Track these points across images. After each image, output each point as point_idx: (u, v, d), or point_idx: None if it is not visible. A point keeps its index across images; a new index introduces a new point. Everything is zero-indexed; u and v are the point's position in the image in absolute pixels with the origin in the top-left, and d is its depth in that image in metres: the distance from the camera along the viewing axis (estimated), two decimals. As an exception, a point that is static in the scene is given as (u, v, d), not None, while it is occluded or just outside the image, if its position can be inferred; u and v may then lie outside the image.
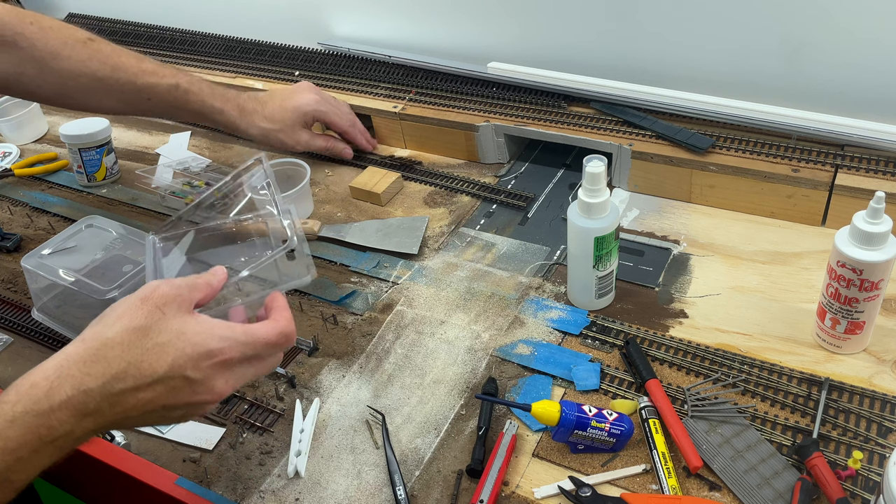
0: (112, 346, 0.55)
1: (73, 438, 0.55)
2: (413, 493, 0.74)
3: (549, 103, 1.16)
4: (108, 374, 0.55)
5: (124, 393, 0.55)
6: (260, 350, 0.61)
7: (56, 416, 0.54)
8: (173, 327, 0.57)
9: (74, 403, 0.54)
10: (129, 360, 0.55)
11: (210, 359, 0.57)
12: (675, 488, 0.70)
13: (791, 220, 0.99)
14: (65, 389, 0.54)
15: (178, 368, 0.56)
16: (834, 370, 0.80)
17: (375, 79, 1.31)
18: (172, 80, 1.05)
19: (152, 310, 0.57)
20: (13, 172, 1.29)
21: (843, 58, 1.01)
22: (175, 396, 0.57)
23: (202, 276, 0.63)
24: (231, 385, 0.60)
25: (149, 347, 0.56)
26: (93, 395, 0.54)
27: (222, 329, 0.59)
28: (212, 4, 1.54)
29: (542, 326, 0.89)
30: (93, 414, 0.55)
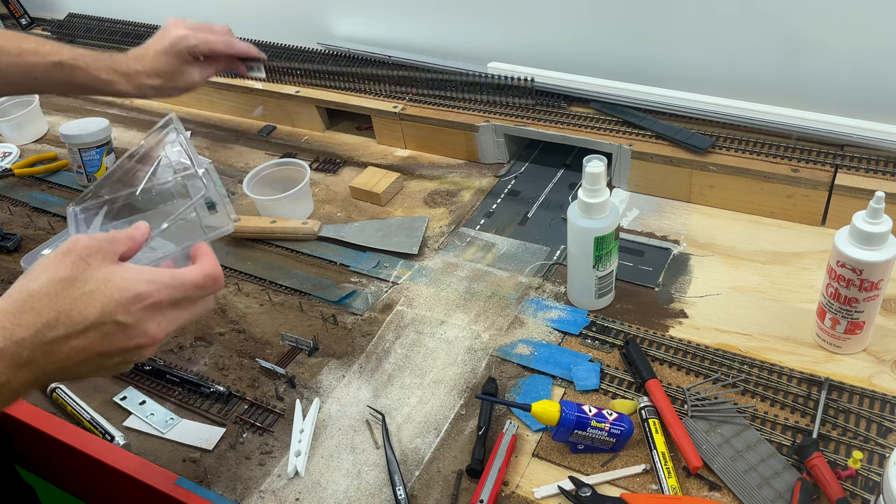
0: (39, 297, 0.56)
1: (9, 389, 0.55)
2: (413, 493, 0.74)
3: (549, 103, 1.16)
4: (39, 323, 0.55)
5: (56, 341, 0.56)
6: (189, 292, 0.61)
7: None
8: (99, 275, 0.57)
9: (8, 354, 0.54)
10: (59, 309, 0.56)
11: (139, 302, 0.58)
12: (675, 488, 0.70)
13: (791, 220, 0.99)
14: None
15: (108, 314, 0.57)
16: (834, 370, 0.80)
17: (375, 79, 1.30)
18: (55, 57, 1.01)
19: (76, 261, 0.57)
20: (13, 172, 1.29)
21: (843, 58, 1.01)
22: (109, 342, 0.57)
23: (124, 231, 0.64)
24: (164, 329, 0.60)
25: (76, 296, 0.56)
26: (25, 344, 0.55)
27: (149, 274, 0.59)
28: (212, 4, 1.54)
29: (542, 326, 0.89)
30: (27, 364, 0.55)
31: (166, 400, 0.87)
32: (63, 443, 0.79)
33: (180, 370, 0.89)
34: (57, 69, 1.02)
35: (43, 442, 0.81)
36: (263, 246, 1.09)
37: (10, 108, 1.42)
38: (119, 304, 0.57)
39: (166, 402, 0.87)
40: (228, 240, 1.10)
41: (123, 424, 0.84)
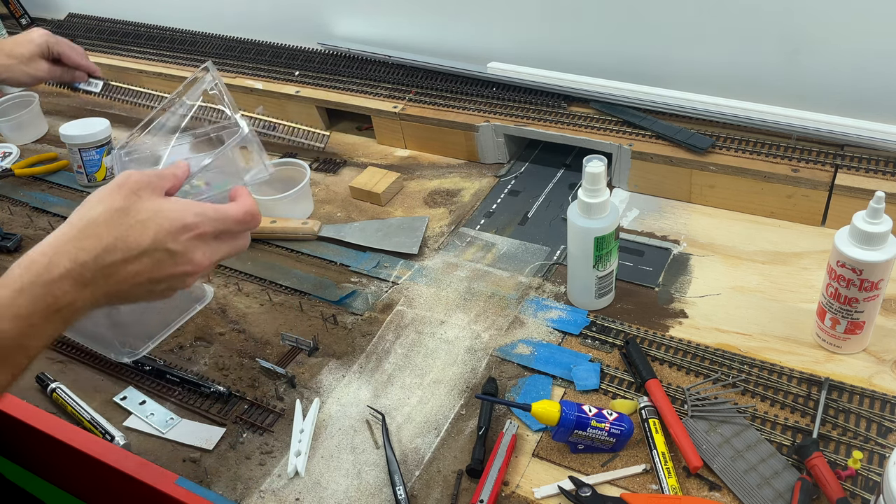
0: (98, 224, 0.60)
1: (74, 309, 0.60)
2: (413, 493, 0.74)
3: (549, 103, 1.16)
4: (99, 247, 0.60)
5: (115, 265, 0.60)
6: (230, 226, 0.66)
7: (58, 287, 0.58)
8: (151, 206, 0.62)
9: (73, 275, 0.59)
10: (116, 235, 0.60)
11: (187, 232, 0.63)
12: (675, 488, 0.70)
13: (791, 220, 0.99)
14: (62, 263, 0.59)
15: (160, 241, 0.61)
16: (834, 370, 0.80)
17: (375, 79, 1.31)
18: None
19: (128, 193, 0.62)
20: (13, 172, 1.29)
21: (843, 58, 1.01)
22: (160, 268, 0.62)
23: (168, 168, 0.69)
24: (207, 258, 0.65)
25: (131, 224, 0.61)
26: (88, 266, 0.59)
27: (196, 207, 0.64)
28: (212, 4, 1.54)
29: (542, 326, 0.89)
30: (90, 284, 0.60)
31: (166, 400, 0.87)
32: (63, 443, 0.79)
33: (180, 370, 0.89)
34: None
35: (43, 442, 0.81)
36: (263, 246, 1.09)
37: (10, 108, 1.42)
38: (169, 233, 0.62)
39: (166, 402, 0.87)
40: (228, 240, 1.10)
41: (123, 424, 0.84)
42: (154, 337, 0.94)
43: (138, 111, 1.46)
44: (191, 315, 0.97)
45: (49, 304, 0.58)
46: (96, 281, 0.60)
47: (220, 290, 1.01)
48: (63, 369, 0.93)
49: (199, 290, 0.99)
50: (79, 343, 0.95)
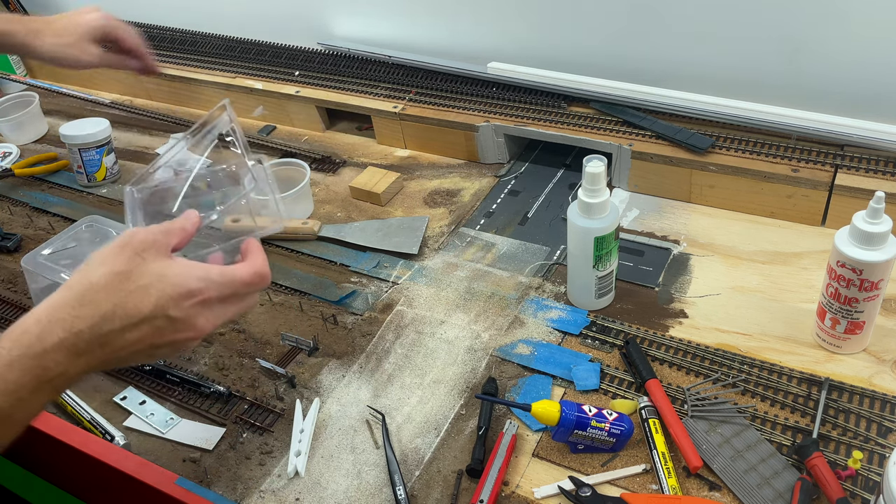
0: (97, 289, 0.58)
1: (67, 378, 0.57)
2: (413, 493, 0.74)
3: (549, 103, 1.16)
4: (97, 315, 0.57)
5: (112, 333, 0.57)
6: (237, 289, 0.63)
7: (50, 358, 0.56)
8: (154, 270, 0.59)
9: (67, 345, 0.56)
10: (115, 302, 0.57)
11: (190, 298, 0.60)
12: (675, 488, 0.70)
13: (791, 220, 0.99)
14: (56, 332, 0.56)
15: (161, 308, 0.58)
16: (834, 370, 0.80)
17: (375, 79, 1.31)
18: None
19: (132, 255, 0.59)
20: (13, 172, 1.29)
21: (843, 58, 1.01)
22: (160, 335, 0.59)
23: (176, 222, 0.65)
24: (212, 323, 0.62)
25: (132, 290, 0.58)
26: (83, 336, 0.57)
27: (200, 270, 0.61)
28: (212, 4, 1.54)
29: (542, 326, 0.89)
30: (84, 354, 0.57)
31: (166, 400, 0.87)
32: (63, 443, 0.79)
33: (180, 370, 0.89)
34: None
35: (43, 442, 0.81)
36: (263, 246, 1.08)
37: (10, 108, 1.42)
38: (171, 299, 0.59)
39: (166, 402, 0.87)
40: (228, 240, 1.10)
41: (123, 424, 0.84)
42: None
43: (138, 111, 1.46)
44: None
45: (38, 375, 0.56)
46: (92, 350, 0.57)
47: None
48: (63, 369, 0.93)
49: None
50: (79, 343, 0.95)
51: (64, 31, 1.07)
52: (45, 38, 1.06)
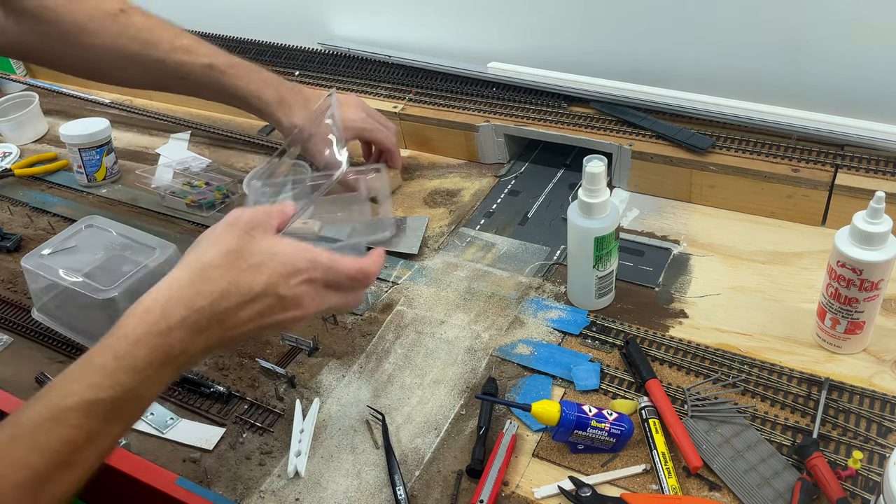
0: (213, 268, 0.60)
1: (188, 357, 0.59)
2: (413, 493, 0.74)
3: (549, 103, 1.16)
4: (216, 292, 0.59)
5: (229, 311, 0.60)
6: (341, 279, 0.65)
7: (175, 335, 0.58)
8: (264, 248, 0.62)
9: (189, 322, 0.58)
10: (230, 280, 0.60)
11: (298, 276, 0.62)
12: (675, 488, 0.70)
13: (791, 220, 0.99)
14: (178, 310, 0.58)
15: (272, 286, 0.61)
16: (834, 370, 0.80)
17: (375, 79, 1.31)
18: (207, 59, 0.97)
19: (242, 234, 0.62)
20: (13, 172, 1.29)
21: (843, 58, 1.01)
22: (270, 314, 0.62)
23: (276, 205, 0.67)
24: (316, 304, 0.64)
25: (245, 268, 0.61)
26: (204, 313, 0.59)
27: (309, 252, 0.63)
28: (212, 4, 1.54)
29: (542, 326, 0.89)
30: (205, 331, 0.59)
31: (166, 400, 0.87)
32: (63, 443, 0.79)
33: (180, 370, 0.89)
34: (206, 72, 0.98)
35: (43, 442, 0.81)
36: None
37: (10, 108, 1.42)
38: (282, 277, 0.61)
39: (166, 402, 0.87)
40: (228, 240, 1.10)
41: (123, 424, 0.84)
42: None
43: (138, 111, 1.46)
44: None
45: (165, 352, 0.58)
46: (211, 327, 0.59)
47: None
48: (63, 369, 0.93)
49: None
50: (79, 343, 0.95)
51: (314, 122, 0.98)
52: (293, 118, 1.01)
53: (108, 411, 0.55)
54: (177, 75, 0.98)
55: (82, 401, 0.54)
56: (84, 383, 0.55)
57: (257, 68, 1.02)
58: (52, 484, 0.53)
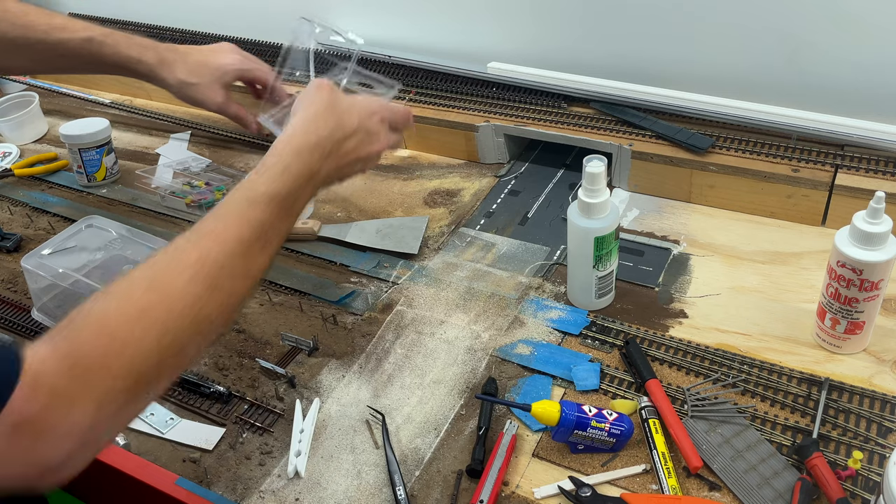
0: (321, 113, 0.75)
1: (320, 178, 0.73)
2: (413, 493, 0.74)
3: (549, 103, 1.16)
4: (330, 126, 0.74)
5: (340, 141, 0.75)
6: (398, 117, 0.83)
7: (314, 156, 0.72)
8: (348, 98, 0.79)
9: (320, 147, 0.73)
10: (335, 119, 0.75)
11: (376, 115, 0.80)
12: (675, 488, 0.70)
13: (791, 220, 0.99)
14: (310, 138, 0.73)
15: (363, 122, 0.78)
16: (834, 370, 0.80)
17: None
18: (85, 33, 1.00)
19: (329, 90, 0.77)
20: (13, 172, 1.29)
21: (843, 58, 1.01)
22: (363, 146, 0.78)
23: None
24: (387, 139, 0.82)
25: (341, 111, 0.76)
26: (327, 140, 0.74)
27: (375, 100, 0.82)
28: (212, 4, 1.54)
29: (542, 326, 0.89)
30: (328, 156, 0.74)
31: (166, 400, 0.87)
32: (63, 443, 0.78)
33: (180, 370, 0.89)
34: (86, 46, 1.01)
35: (43, 442, 0.81)
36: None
37: (10, 108, 1.42)
38: (367, 115, 0.79)
39: (166, 402, 0.87)
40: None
41: (123, 424, 0.84)
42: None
43: (138, 111, 1.46)
44: None
45: (310, 168, 0.71)
46: (331, 154, 0.74)
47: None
48: (63, 369, 0.93)
49: None
50: (79, 343, 0.95)
51: (197, 71, 1.06)
52: (176, 73, 1.05)
53: (283, 203, 0.68)
54: (57, 53, 1.01)
55: (267, 193, 0.67)
56: (265, 181, 0.68)
57: (133, 35, 1.05)
58: (254, 257, 0.64)
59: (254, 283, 0.65)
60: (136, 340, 0.55)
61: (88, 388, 0.52)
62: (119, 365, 0.53)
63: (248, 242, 0.64)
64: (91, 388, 0.52)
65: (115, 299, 0.57)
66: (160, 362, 0.56)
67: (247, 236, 0.64)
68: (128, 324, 0.55)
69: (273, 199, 0.67)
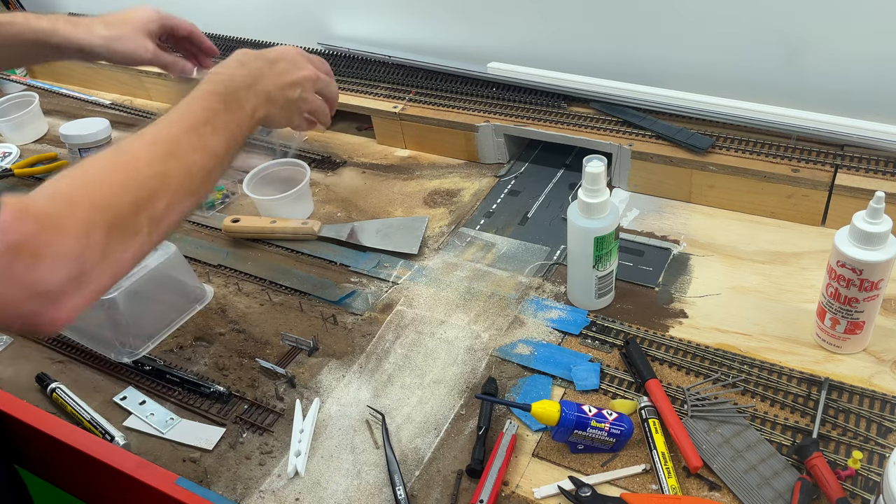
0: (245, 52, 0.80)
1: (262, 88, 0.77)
2: (413, 493, 0.74)
3: (549, 103, 1.16)
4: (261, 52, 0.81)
5: (271, 61, 0.80)
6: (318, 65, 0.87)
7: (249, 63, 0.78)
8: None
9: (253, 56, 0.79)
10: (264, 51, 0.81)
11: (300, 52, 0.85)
12: (675, 488, 0.70)
13: (791, 220, 0.99)
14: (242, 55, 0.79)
15: (286, 52, 0.83)
16: (834, 370, 0.80)
17: (375, 79, 1.31)
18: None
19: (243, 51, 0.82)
20: (13, 172, 1.29)
21: (843, 58, 1.01)
22: (293, 71, 0.81)
23: None
24: (315, 69, 0.85)
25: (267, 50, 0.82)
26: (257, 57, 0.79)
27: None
28: (212, 4, 1.54)
29: (542, 326, 0.89)
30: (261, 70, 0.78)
31: (166, 400, 0.87)
32: (63, 443, 0.79)
33: (180, 370, 0.89)
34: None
35: (43, 442, 0.81)
36: (263, 246, 1.09)
37: (10, 108, 1.42)
38: (290, 50, 0.84)
39: (166, 402, 0.87)
40: (228, 240, 1.10)
41: (123, 424, 0.84)
42: (154, 337, 0.95)
43: (138, 111, 1.46)
44: (190, 315, 0.97)
45: (248, 72, 0.76)
46: (264, 69, 0.78)
47: (219, 290, 1.01)
48: (63, 369, 0.93)
49: (199, 291, 0.99)
50: (79, 343, 0.95)
51: (118, 25, 1.02)
52: (97, 31, 1.01)
53: (224, 97, 0.72)
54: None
55: (202, 91, 0.72)
56: (199, 91, 0.72)
57: (42, 13, 1.01)
58: (206, 137, 0.68)
59: (213, 159, 0.69)
60: (108, 179, 0.61)
61: (72, 216, 0.57)
62: (98, 196, 0.59)
63: (198, 123, 0.69)
64: (74, 216, 0.57)
65: (84, 164, 0.63)
66: (136, 202, 0.61)
67: (193, 120, 0.69)
68: (100, 169, 0.62)
69: (213, 94, 0.72)
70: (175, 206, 0.66)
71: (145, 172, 0.63)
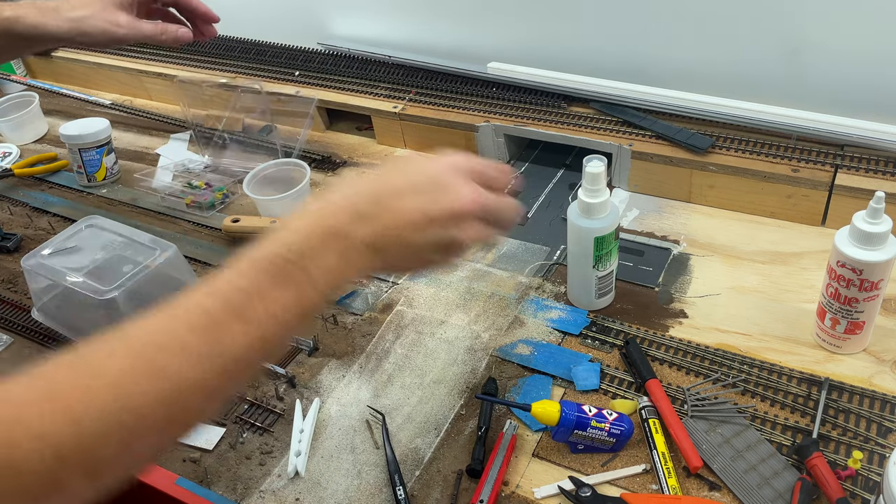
0: (371, 176, 0.61)
1: (352, 241, 0.56)
2: (413, 493, 0.74)
3: (549, 103, 1.16)
4: (380, 180, 0.59)
5: (387, 194, 0.58)
6: (494, 174, 0.64)
7: (337, 217, 0.56)
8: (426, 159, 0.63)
9: (348, 204, 0.57)
10: (388, 174, 0.61)
11: (459, 167, 0.61)
12: (675, 488, 0.70)
13: (791, 220, 0.99)
14: (334, 197, 0.58)
15: (432, 175, 0.60)
16: (834, 370, 0.80)
17: (375, 79, 1.31)
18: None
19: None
20: (13, 172, 1.29)
21: (843, 58, 1.01)
22: (431, 205, 0.58)
23: None
24: (476, 194, 0.60)
25: (403, 165, 0.64)
26: (361, 196, 0.58)
27: (462, 155, 0.64)
28: (212, 4, 1.54)
29: (542, 326, 0.89)
30: (365, 218, 0.57)
31: (166, 400, 0.87)
32: (63, 443, 0.78)
33: (180, 370, 0.89)
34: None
35: (43, 442, 0.81)
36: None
37: (10, 108, 1.42)
38: (441, 170, 0.60)
39: (166, 402, 0.87)
40: (228, 240, 1.10)
41: (123, 424, 0.84)
42: (154, 337, 0.94)
43: (139, 111, 1.46)
44: None
45: (330, 226, 0.56)
46: (370, 212, 0.57)
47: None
48: (63, 369, 0.93)
49: None
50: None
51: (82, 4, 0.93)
52: (62, 13, 0.93)
53: (273, 269, 0.53)
54: None
55: (248, 257, 0.54)
56: (256, 248, 0.55)
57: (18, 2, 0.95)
58: (227, 332, 0.49)
59: (224, 369, 0.49)
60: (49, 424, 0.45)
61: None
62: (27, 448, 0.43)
63: (216, 316, 0.50)
64: None
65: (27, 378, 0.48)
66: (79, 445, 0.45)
67: (214, 308, 0.50)
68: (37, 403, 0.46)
69: (258, 264, 0.53)
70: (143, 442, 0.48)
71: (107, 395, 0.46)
